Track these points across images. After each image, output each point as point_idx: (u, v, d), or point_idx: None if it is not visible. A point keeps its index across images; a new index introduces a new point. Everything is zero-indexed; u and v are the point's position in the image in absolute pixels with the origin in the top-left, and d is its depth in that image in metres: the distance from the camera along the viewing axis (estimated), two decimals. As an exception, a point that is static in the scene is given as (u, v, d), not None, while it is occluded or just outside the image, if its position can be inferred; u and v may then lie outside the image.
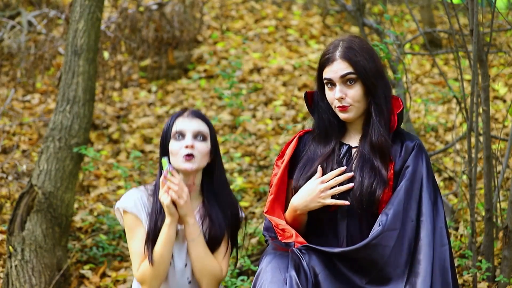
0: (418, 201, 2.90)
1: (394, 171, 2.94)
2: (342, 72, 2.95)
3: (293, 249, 2.90)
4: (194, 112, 3.21)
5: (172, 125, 3.17)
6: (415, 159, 2.93)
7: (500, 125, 5.47)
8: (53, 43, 6.56)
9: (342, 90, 2.96)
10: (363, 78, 2.95)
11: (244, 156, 6.21)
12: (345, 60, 2.95)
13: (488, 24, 4.13)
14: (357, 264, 2.86)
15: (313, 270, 2.85)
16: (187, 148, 3.12)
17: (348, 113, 2.98)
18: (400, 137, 3.01)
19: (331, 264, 2.87)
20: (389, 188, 2.93)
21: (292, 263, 2.84)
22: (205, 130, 3.18)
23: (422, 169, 2.93)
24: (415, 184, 2.91)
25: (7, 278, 4.42)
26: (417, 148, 2.96)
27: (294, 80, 7.38)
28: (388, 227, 2.85)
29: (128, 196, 3.22)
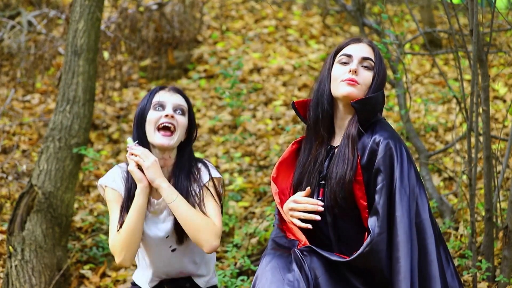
0: (393, 197, 2.88)
1: (361, 165, 2.92)
2: (365, 54, 3.02)
3: (295, 250, 2.91)
4: (175, 88, 3.26)
5: (153, 97, 3.20)
6: (383, 156, 2.89)
7: (500, 125, 5.47)
8: (53, 43, 6.56)
9: (359, 67, 3.00)
10: (377, 71, 3.01)
11: (244, 156, 6.22)
12: (370, 47, 3.06)
13: (488, 24, 4.13)
14: (360, 269, 2.86)
15: (314, 273, 2.85)
16: (166, 117, 3.15)
17: (353, 88, 2.98)
18: (370, 129, 2.98)
19: (332, 268, 2.87)
20: (360, 182, 2.91)
21: (294, 262, 2.85)
22: (185, 105, 3.22)
23: (394, 165, 2.89)
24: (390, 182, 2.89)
25: (7, 278, 4.42)
26: (383, 143, 2.90)
27: (294, 80, 7.38)
28: (378, 231, 2.84)
29: (109, 173, 3.27)
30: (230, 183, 5.72)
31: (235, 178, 5.82)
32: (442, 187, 5.52)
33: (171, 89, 3.25)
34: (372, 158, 2.91)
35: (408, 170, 2.91)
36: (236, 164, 6.03)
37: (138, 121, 3.22)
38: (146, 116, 3.19)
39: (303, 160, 3.08)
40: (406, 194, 2.87)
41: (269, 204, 5.34)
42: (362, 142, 2.95)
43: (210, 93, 7.20)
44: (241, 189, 5.70)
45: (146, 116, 3.19)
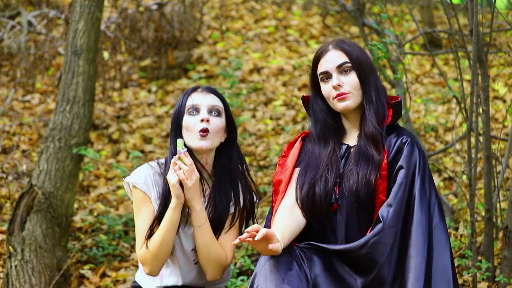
0: (413, 198, 2.89)
1: (387, 161, 2.94)
2: (338, 62, 2.99)
3: (295, 247, 2.90)
4: (208, 87, 3.14)
5: (186, 101, 3.08)
6: (408, 156, 2.93)
7: (500, 125, 5.47)
8: (53, 43, 6.56)
9: (339, 78, 2.99)
10: (358, 67, 2.99)
11: (244, 156, 6.21)
12: (339, 49, 3.01)
13: (488, 24, 4.13)
14: (358, 263, 2.86)
15: (313, 272, 2.85)
16: (202, 122, 3.03)
17: (346, 101, 2.99)
18: (396, 130, 3.02)
19: (331, 266, 2.87)
20: (383, 177, 2.92)
21: (294, 260, 2.84)
22: (220, 105, 3.10)
23: (416, 167, 2.92)
24: (411, 181, 2.91)
25: (7, 278, 4.42)
26: (409, 144, 2.95)
27: (294, 80, 7.38)
28: (388, 224, 2.84)
29: (139, 171, 3.12)
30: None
31: (235, 178, 5.81)
32: (442, 187, 5.52)
33: (204, 89, 3.12)
34: (397, 155, 2.94)
35: (429, 176, 2.95)
36: (236, 164, 6.03)
37: (174, 125, 3.10)
38: (181, 121, 3.07)
39: (315, 160, 3.06)
40: (426, 197, 2.89)
41: (269, 204, 5.34)
42: (389, 139, 2.97)
43: (210, 93, 7.19)
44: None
45: (182, 121, 3.07)
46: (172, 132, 3.12)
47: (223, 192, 3.14)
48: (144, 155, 6.30)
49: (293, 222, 2.99)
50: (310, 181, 3.02)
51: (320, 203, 2.98)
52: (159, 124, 6.78)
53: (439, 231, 2.90)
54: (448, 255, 2.88)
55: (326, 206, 2.98)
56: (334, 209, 2.98)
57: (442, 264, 2.86)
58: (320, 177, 3.01)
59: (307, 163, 3.06)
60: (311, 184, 3.01)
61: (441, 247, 2.88)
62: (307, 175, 3.04)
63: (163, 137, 6.60)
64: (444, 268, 2.86)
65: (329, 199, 2.98)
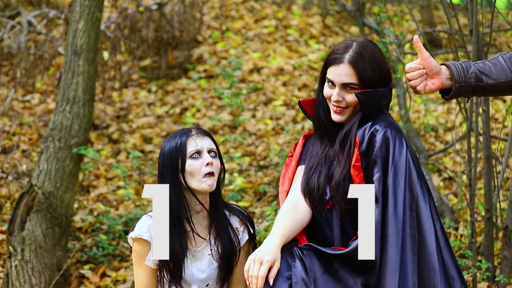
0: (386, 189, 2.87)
1: (360, 151, 2.91)
2: (345, 80, 2.95)
3: (295, 248, 2.91)
4: (201, 130, 3.20)
5: (186, 145, 3.12)
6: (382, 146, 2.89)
7: (500, 125, 5.47)
8: (53, 43, 6.56)
9: (340, 94, 2.97)
10: (364, 88, 2.96)
11: (244, 156, 6.22)
12: (352, 66, 2.95)
13: (487, 24, 4.13)
14: (358, 264, 2.86)
15: (313, 274, 2.85)
16: (208, 166, 3.11)
17: (341, 116, 3.00)
18: (372, 119, 2.97)
19: (331, 268, 2.87)
20: (358, 168, 2.91)
21: (295, 260, 2.85)
22: (215, 147, 3.19)
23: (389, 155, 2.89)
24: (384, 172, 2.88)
25: (7, 278, 4.42)
26: (382, 132, 2.90)
27: (294, 80, 7.38)
28: (377, 219, 2.84)
29: (141, 224, 3.15)
30: (230, 183, 5.72)
31: (235, 178, 5.82)
32: (442, 187, 5.52)
33: (198, 132, 3.18)
34: (370, 144, 2.91)
35: (405, 160, 2.90)
36: (236, 164, 6.03)
37: (171, 169, 3.11)
38: (184, 166, 3.10)
39: (314, 154, 3.08)
40: (399, 184, 2.86)
41: (269, 204, 5.34)
42: (363, 129, 2.94)
43: (210, 93, 7.20)
44: (241, 189, 5.70)
45: (184, 166, 3.10)
46: (168, 175, 3.12)
47: (224, 225, 3.21)
48: (144, 155, 6.30)
49: (296, 218, 2.99)
50: (307, 171, 3.05)
51: (314, 193, 3.00)
52: (159, 124, 6.78)
53: (424, 217, 2.87)
54: (432, 240, 2.85)
55: (320, 198, 2.99)
56: (329, 206, 2.99)
57: (427, 251, 2.84)
58: (315, 169, 3.03)
59: (309, 157, 3.08)
60: (308, 175, 3.04)
61: (426, 234, 2.86)
62: (307, 166, 3.07)
63: (163, 137, 6.60)
64: (428, 254, 2.84)
65: (322, 192, 2.99)
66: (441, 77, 2.88)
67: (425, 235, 2.86)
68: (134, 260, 3.16)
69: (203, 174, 3.10)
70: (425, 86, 2.88)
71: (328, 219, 3.01)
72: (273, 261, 2.81)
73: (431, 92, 2.89)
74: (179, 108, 7.00)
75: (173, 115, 6.93)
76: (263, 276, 2.78)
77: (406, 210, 2.86)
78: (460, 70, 2.86)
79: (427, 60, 2.87)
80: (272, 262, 2.81)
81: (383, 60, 3.00)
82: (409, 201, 2.87)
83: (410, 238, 2.84)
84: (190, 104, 7.06)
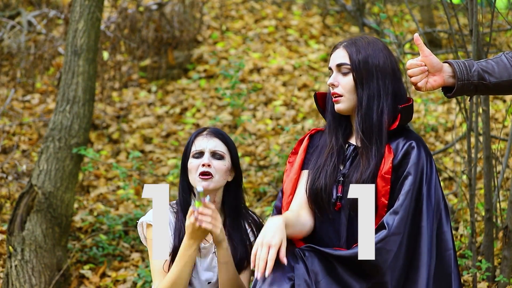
0: (420, 206, 2.89)
1: (393, 165, 2.92)
2: (338, 61, 2.99)
3: (297, 250, 2.90)
4: (213, 131, 3.25)
5: (192, 144, 3.22)
6: (416, 163, 2.90)
7: (500, 125, 5.47)
8: (53, 43, 6.56)
9: (336, 78, 2.99)
10: (356, 71, 2.96)
11: (244, 156, 6.22)
12: (345, 49, 3.00)
13: (488, 24, 4.13)
14: (360, 268, 2.85)
15: (315, 276, 2.84)
16: (203, 166, 3.16)
17: (339, 104, 3.00)
18: (404, 134, 2.99)
19: (332, 270, 2.86)
20: (386, 180, 2.91)
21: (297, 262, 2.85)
22: (223, 149, 3.21)
23: (424, 174, 2.90)
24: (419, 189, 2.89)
25: (7, 278, 4.42)
26: (417, 149, 2.92)
27: (294, 80, 7.38)
28: (394, 231, 2.82)
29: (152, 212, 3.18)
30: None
31: (235, 178, 5.81)
32: (442, 187, 5.50)
33: (209, 132, 3.24)
34: (404, 160, 2.91)
35: (435, 183, 2.93)
36: (236, 164, 6.03)
37: (182, 169, 3.25)
38: (187, 164, 3.21)
39: (319, 157, 3.07)
40: (431, 205, 2.89)
41: (269, 204, 5.34)
42: (396, 142, 2.94)
43: (210, 93, 7.20)
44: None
45: (187, 163, 3.21)
46: (181, 172, 3.26)
47: (237, 228, 3.23)
48: (144, 155, 6.30)
49: (298, 223, 2.99)
50: (314, 171, 3.04)
51: (322, 193, 2.99)
52: (159, 124, 6.78)
53: (445, 237, 2.90)
54: (451, 261, 2.88)
55: (327, 199, 2.98)
56: (338, 208, 2.98)
57: (445, 273, 2.87)
58: (322, 168, 3.02)
59: (316, 157, 3.07)
60: (315, 173, 3.03)
61: (447, 255, 2.88)
62: (313, 165, 3.06)
63: (163, 137, 6.60)
64: (446, 276, 2.87)
65: (329, 192, 2.98)
66: (443, 74, 2.89)
67: (447, 256, 2.89)
68: (150, 246, 3.15)
69: (198, 173, 3.16)
70: (427, 82, 2.88)
71: (334, 221, 3.00)
72: (280, 242, 2.77)
73: (433, 89, 2.90)
74: (179, 108, 7.01)
75: (173, 115, 6.93)
76: (273, 259, 2.74)
77: (434, 231, 2.88)
78: (462, 68, 2.87)
79: (428, 57, 2.87)
80: (279, 244, 2.77)
81: (383, 51, 3.00)
82: (436, 222, 2.90)
83: (434, 259, 2.86)
84: (190, 104, 7.06)
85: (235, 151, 3.25)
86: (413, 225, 2.86)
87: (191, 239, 3.05)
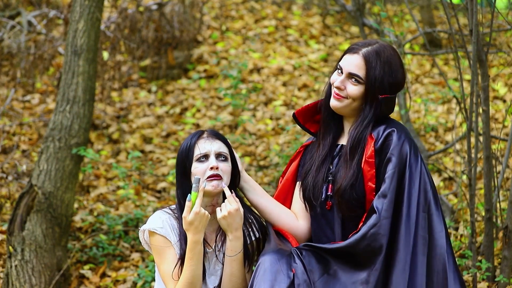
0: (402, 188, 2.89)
1: (375, 148, 2.93)
2: (353, 70, 2.97)
3: (294, 249, 2.91)
4: (213, 133, 3.20)
5: (194, 148, 3.14)
6: (398, 146, 2.91)
7: (500, 125, 5.47)
8: (53, 43, 6.56)
9: (344, 82, 2.99)
10: (368, 86, 2.96)
11: (244, 156, 6.22)
12: (364, 60, 2.96)
13: (488, 24, 4.13)
14: (358, 259, 2.86)
15: (312, 276, 2.85)
16: (212, 170, 3.10)
17: (339, 103, 3.00)
18: (386, 122, 3.00)
19: (330, 269, 2.87)
20: (371, 164, 2.92)
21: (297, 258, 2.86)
22: (226, 150, 3.17)
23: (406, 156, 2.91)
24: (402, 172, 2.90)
25: (7, 278, 4.42)
26: (398, 133, 2.93)
27: (294, 80, 7.38)
28: (384, 214, 2.85)
29: (155, 217, 3.16)
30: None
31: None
32: (442, 187, 5.52)
33: (210, 135, 3.18)
34: (385, 142, 2.93)
35: (420, 164, 2.93)
36: (236, 164, 6.02)
37: (181, 172, 3.16)
38: (190, 168, 3.13)
39: (309, 159, 3.10)
40: (415, 185, 2.89)
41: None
42: (378, 130, 2.96)
43: (210, 93, 7.20)
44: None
45: (191, 168, 3.13)
46: (177, 176, 3.18)
47: None
48: (144, 155, 6.30)
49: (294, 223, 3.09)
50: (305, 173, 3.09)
51: (310, 195, 3.02)
52: (159, 124, 6.78)
53: (435, 220, 2.89)
54: (443, 243, 2.87)
55: (319, 204, 3.00)
56: (329, 206, 3.00)
57: (438, 253, 2.87)
58: (311, 169, 3.06)
59: (306, 169, 3.10)
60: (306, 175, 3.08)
61: (437, 235, 2.88)
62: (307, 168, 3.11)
63: (163, 137, 6.60)
64: (439, 256, 2.86)
65: (319, 193, 3.00)
66: None
67: (436, 238, 2.89)
68: (156, 253, 3.13)
69: (206, 176, 3.09)
70: None
71: (328, 219, 3.02)
72: None
73: None
74: (179, 108, 7.00)
75: (173, 115, 6.93)
76: None
77: (419, 212, 2.88)
78: None
79: None
80: None
81: (398, 68, 3.00)
82: (422, 203, 2.89)
83: (421, 239, 2.86)
84: (190, 104, 7.06)
85: (233, 152, 3.22)
86: (396, 208, 2.87)
87: (196, 234, 3.02)
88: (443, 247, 2.87)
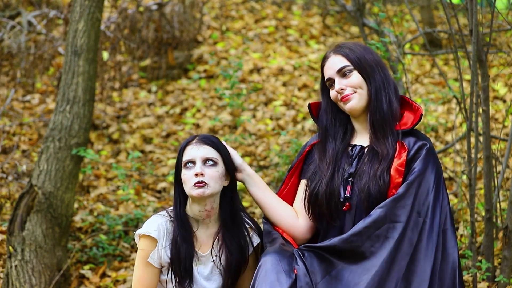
0: (424, 201, 2.91)
1: (407, 159, 2.98)
2: (337, 66, 3.05)
3: (296, 250, 2.91)
4: (202, 138, 3.19)
5: (182, 154, 3.17)
6: (425, 160, 2.98)
7: (500, 125, 5.47)
8: (53, 43, 6.56)
9: (341, 82, 3.05)
10: (359, 67, 3.04)
11: (244, 156, 6.22)
12: (338, 54, 3.07)
13: (487, 24, 4.13)
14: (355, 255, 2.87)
15: (314, 277, 2.86)
16: (196, 176, 3.11)
17: (351, 101, 3.04)
18: (415, 134, 3.09)
19: (332, 270, 2.88)
20: (400, 173, 2.96)
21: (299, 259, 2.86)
22: (214, 155, 3.15)
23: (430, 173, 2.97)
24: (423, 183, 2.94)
25: (7, 278, 4.42)
26: (427, 149, 3.01)
27: (294, 80, 7.38)
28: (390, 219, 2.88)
29: (151, 221, 3.20)
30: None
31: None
32: (442, 187, 5.51)
33: (198, 140, 3.17)
34: (416, 155, 2.99)
35: (443, 182, 3.01)
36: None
37: (176, 179, 3.20)
38: (179, 174, 3.17)
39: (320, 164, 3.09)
40: (439, 201, 2.95)
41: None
42: (408, 140, 3.04)
43: (210, 93, 7.20)
44: (241, 189, 5.69)
45: (180, 174, 3.16)
46: (175, 183, 3.23)
47: (232, 234, 3.21)
48: (144, 155, 6.30)
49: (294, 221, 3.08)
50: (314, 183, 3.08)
51: (324, 203, 3.01)
52: (159, 124, 6.78)
53: (449, 235, 2.94)
54: (455, 257, 2.92)
55: (333, 206, 3.00)
56: (346, 208, 3.00)
57: (450, 267, 2.91)
58: (324, 178, 3.04)
59: (314, 170, 3.10)
60: (314, 186, 3.07)
61: (450, 250, 2.93)
62: (312, 178, 3.10)
63: (163, 137, 6.60)
64: (451, 270, 2.91)
65: (336, 199, 3.00)
66: None
67: (449, 252, 2.93)
68: (138, 259, 3.17)
69: (192, 183, 3.11)
70: None
71: (339, 223, 3.03)
72: None
73: None
74: (179, 108, 7.00)
75: (173, 115, 6.93)
76: None
77: (440, 228, 2.93)
78: None
79: None
80: None
81: (369, 47, 3.12)
82: (442, 218, 2.95)
83: (440, 253, 2.91)
84: (190, 104, 7.06)
85: (227, 156, 3.19)
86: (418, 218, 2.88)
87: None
88: (455, 262, 2.93)
